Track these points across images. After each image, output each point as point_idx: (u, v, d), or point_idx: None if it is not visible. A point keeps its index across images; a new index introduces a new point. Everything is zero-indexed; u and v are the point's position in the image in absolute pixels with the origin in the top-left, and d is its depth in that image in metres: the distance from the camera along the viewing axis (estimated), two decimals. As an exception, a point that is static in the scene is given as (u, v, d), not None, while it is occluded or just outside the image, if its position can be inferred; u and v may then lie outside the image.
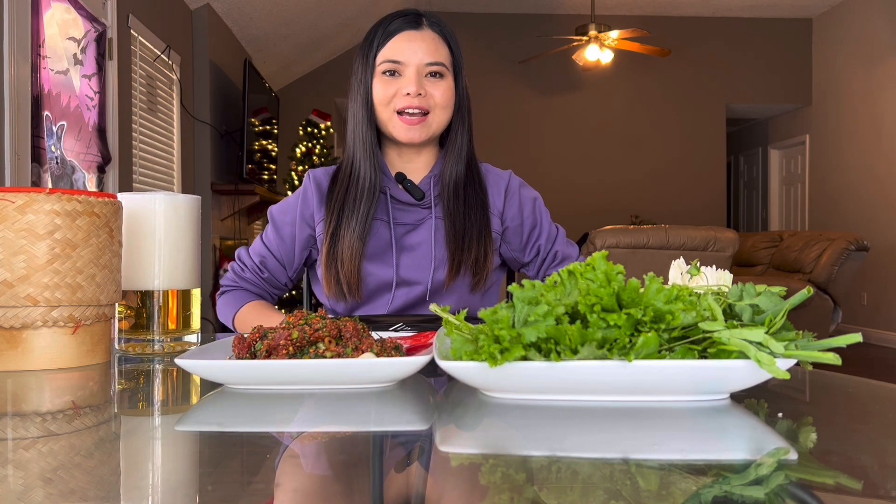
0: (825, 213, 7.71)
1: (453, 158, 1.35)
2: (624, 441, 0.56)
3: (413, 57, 1.28)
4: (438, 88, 1.30)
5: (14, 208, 0.84)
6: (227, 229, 5.54)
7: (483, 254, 1.32)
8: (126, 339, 1.00)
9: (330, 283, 1.30)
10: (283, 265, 1.39)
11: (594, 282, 0.65)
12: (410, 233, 1.33)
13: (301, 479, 0.48)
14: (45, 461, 0.51)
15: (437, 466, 0.51)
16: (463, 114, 1.36)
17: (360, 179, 1.32)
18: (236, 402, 0.69)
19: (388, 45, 1.29)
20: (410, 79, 1.28)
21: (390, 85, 1.29)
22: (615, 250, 4.02)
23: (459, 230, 1.31)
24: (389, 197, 1.33)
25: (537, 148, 7.87)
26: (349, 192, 1.32)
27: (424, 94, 1.29)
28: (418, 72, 1.28)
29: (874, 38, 6.89)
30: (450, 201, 1.33)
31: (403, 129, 1.29)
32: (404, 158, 1.37)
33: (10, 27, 2.73)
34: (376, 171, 1.32)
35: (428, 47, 1.29)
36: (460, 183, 1.34)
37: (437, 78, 1.30)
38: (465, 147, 1.36)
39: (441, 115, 1.32)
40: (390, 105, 1.29)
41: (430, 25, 1.32)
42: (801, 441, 0.57)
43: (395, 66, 1.29)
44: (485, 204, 1.35)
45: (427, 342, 0.84)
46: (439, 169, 1.36)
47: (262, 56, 6.41)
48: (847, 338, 0.61)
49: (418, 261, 1.32)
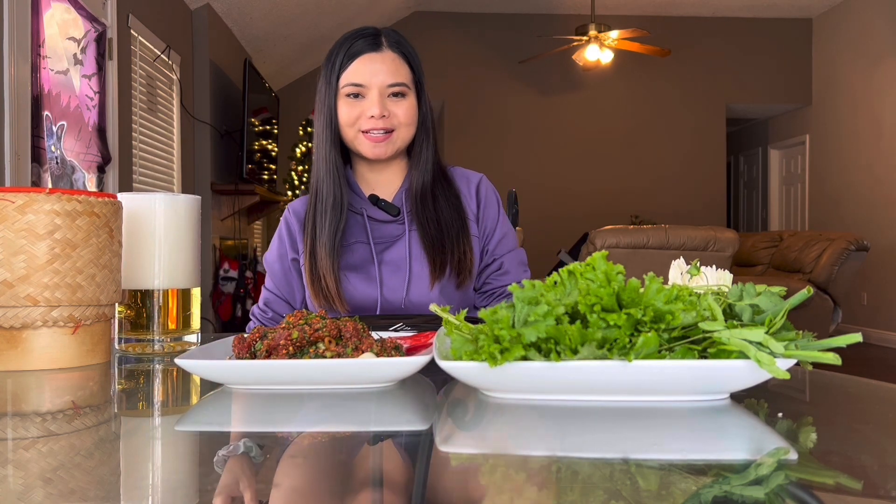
0: (825, 213, 7.71)
1: (419, 171, 1.40)
2: (624, 441, 0.56)
3: (374, 79, 1.32)
4: (401, 107, 1.34)
5: (14, 208, 0.84)
6: (227, 229, 5.54)
7: (463, 252, 1.36)
8: (126, 339, 1.00)
9: (318, 297, 1.35)
10: (285, 300, 1.44)
11: (594, 282, 0.65)
12: (389, 249, 1.38)
13: (301, 479, 0.48)
14: (45, 461, 0.51)
15: (437, 466, 0.51)
16: (427, 127, 1.40)
17: (325, 198, 1.36)
18: (236, 402, 0.69)
19: (350, 68, 1.33)
20: (373, 101, 1.32)
21: (354, 107, 1.33)
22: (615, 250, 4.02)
23: (436, 234, 1.35)
24: (367, 218, 1.38)
25: (537, 148, 7.87)
26: (317, 210, 1.37)
27: (388, 115, 1.33)
28: (381, 93, 1.32)
29: (874, 38, 6.89)
30: (419, 210, 1.38)
31: (370, 146, 1.34)
32: (375, 170, 1.41)
33: (10, 27, 2.73)
34: (341, 189, 1.36)
35: (388, 69, 1.33)
36: (427, 190, 1.39)
37: (399, 98, 1.34)
38: (430, 160, 1.40)
39: (405, 131, 1.36)
40: (355, 126, 1.34)
41: (389, 46, 1.35)
42: (801, 441, 0.57)
43: (358, 89, 1.33)
44: (458, 206, 1.40)
45: (427, 342, 0.84)
46: (408, 184, 1.41)
47: (262, 56, 6.41)
48: (847, 338, 0.61)
49: (397, 272, 1.36)
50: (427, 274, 1.35)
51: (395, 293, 1.36)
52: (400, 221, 1.39)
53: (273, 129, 6.20)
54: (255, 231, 6.58)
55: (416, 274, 1.36)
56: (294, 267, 1.43)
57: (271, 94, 6.14)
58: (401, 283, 1.36)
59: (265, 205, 6.00)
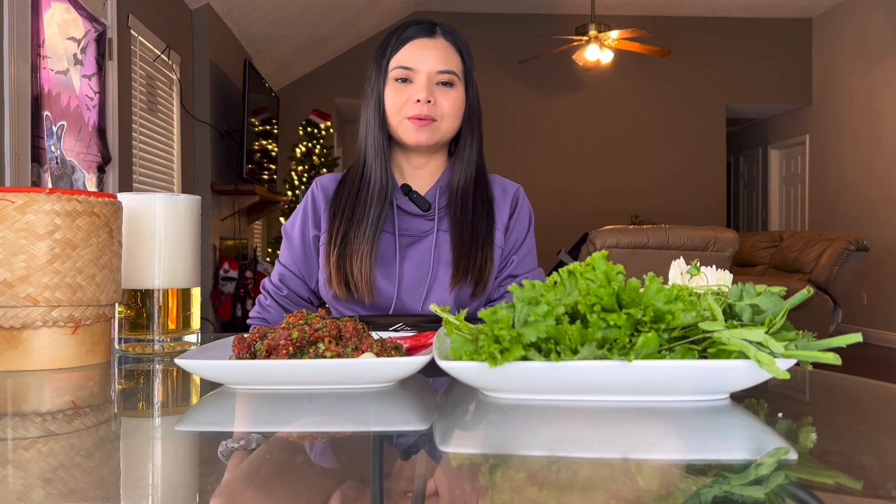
0: (825, 213, 7.71)
1: (462, 166, 1.37)
2: (624, 441, 0.56)
3: (424, 64, 1.31)
4: (448, 98, 1.32)
5: (14, 208, 0.84)
6: (227, 229, 5.54)
7: (485, 261, 1.33)
8: (126, 339, 1.00)
9: (340, 284, 1.31)
10: (302, 279, 1.40)
11: (594, 282, 0.65)
12: (414, 244, 1.35)
13: (301, 479, 0.48)
14: (45, 461, 0.51)
15: (437, 466, 0.51)
16: (473, 123, 1.38)
17: (371, 183, 1.34)
18: (236, 402, 0.69)
19: (401, 51, 1.32)
20: (421, 86, 1.30)
21: (402, 92, 1.31)
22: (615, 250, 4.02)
23: (466, 237, 1.33)
24: (396, 207, 1.35)
25: (537, 148, 7.87)
26: (360, 196, 1.34)
27: (434, 102, 1.31)
28: (429, 79, 1.31)
29: (874, 38, 6.89)
30: (457, 208, 1.35)
31: (412, 130, 1.31)
32: (413, 164, 1.39)
33: (10, 27, 2.73)
34: (388, 175, 1.34)
35: (440, 55, 1.31)
36: (469, 190, 1.36)
37: (447, 87, 1.32)
38: (474, 156, 1.39)
39: (450, 122, 1.34)
40: (401, 112, 1.31)
41: (443, 34, 1.34)
42: (801, 441, 0.57)
43: (407, 73, 1.31)
44: (490, 213, 1.37)
45: (427, 342, 0.84)
46: (446, 179, 1.38)
47: (262, 56, 6.41)
48: (847, 338, 0.61)
49: (420, 271, 1.33)
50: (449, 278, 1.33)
51: (414, 294, 1.33)
52: (429, 217, 1.36)
53: (273, 129, 6.20)
54: (255, 231, 6.58)
55: (440, 278, 1.33)
56: (314, 244, 1.39)
57: (271, 94, 6.14)
58: (420, 283, 1.33)
59: (265, 205, 6.00)
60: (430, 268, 1.33)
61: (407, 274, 1.33)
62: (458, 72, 1.34)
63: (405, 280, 1.32)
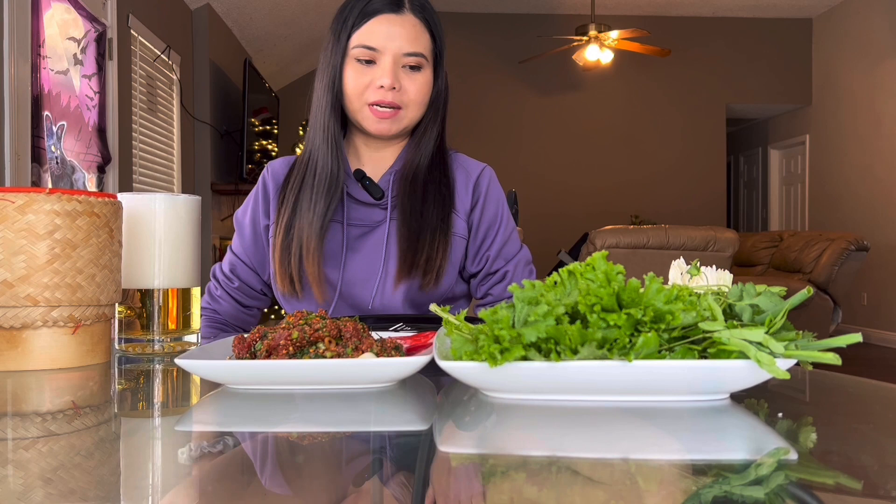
0: (825, 213, 7.71)
1: (417, 152, 1.25)
2: (624, 441, 0.56)
3: (390, 44, 1.16)
4: (415, 83, 1.19)
5: (14, 208, 0.84)
6: (227, 229, 5.54)
7: (434, 251, 1.20)
8: (126, 339, 1.00)
9: (284, 279, 1.21)
10: (254, 270, 1.30)
11: (594, 282, 0.65)
12: (365, 235, 1.24)
13: (301, 479, 0.48)
14: (45, 461, 0.51)
15: (437, 466, 0.51)
16: (438, 107, 1.26)
17: (318, 170, 1.21)
18: (236, 402, 0.69)
19: (364, 27, 1.17)
20: (386, 69, 1.16)
21: (364, 74, 1.18)
22: (615, 250, 4.02)
23: (414, 228, 1.20)
24: (346, 195, 1.23)
25: (537, 148, 7.87)
26: (306, 182, 1.22)
27: (399, 88, 1.18)
28: (395, 62, 1.17)
29: (874, 38, 6.89)
30: (406, 196, 1.22)
31: (374, 121, 1.19)
32: (371, 147, 1.27)
33: (10, 27, 2.73)
34: (338, 163, 1.21)
35: (408, 34, 1.17)
36: (419, 177, 1.23)
37: (414, 71, 1.19)
38: (432, 141, 1.26)
39: (414, 111, 1.21)
40: (362, 97, 1.19)
41: (412, 10, 1.19)
42: (801, 441, 0.57)
43: (371, 54, 1.17)
44: (446, 200, 1.24)
45: (427, 342, 0.84)
46: (400, 164, 1.26)
47: (262, 56, 6.41)
48: (847, 338, 0.61)
49: (370, 265, 1.23)
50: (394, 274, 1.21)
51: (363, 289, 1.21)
52: (382, 206, 1.24)
53: (273, 129, 6.20)
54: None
55: (391, 272, 1.21)
56: (266, 234, 1.28)
57: (271, 94, 6.14)
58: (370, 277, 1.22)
59: (265, 205, 5.99)
60: (382, 261, 1.22)
61: (354, 267, 1.22)
62: (427, 53, 1.20)
63: (350, 273, 1.22)
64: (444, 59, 1.26)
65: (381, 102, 1.18)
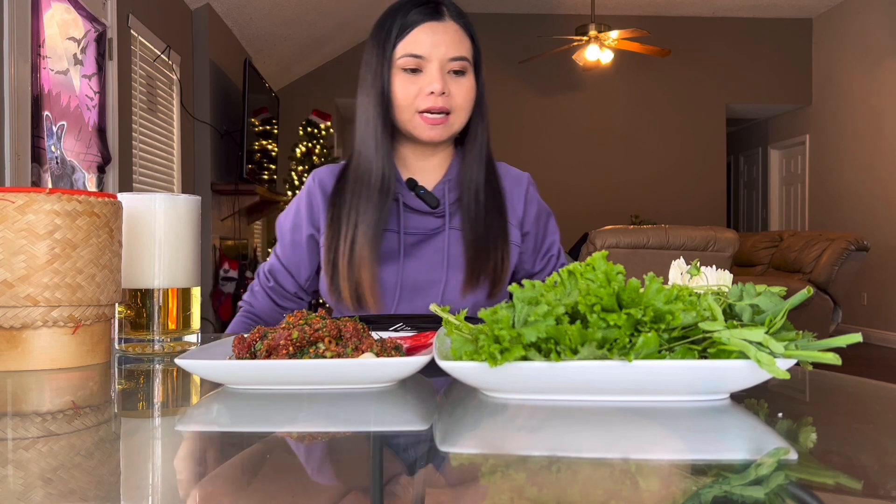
0: (825, 213, 7.71)
1: (474, 159, 1.27)
2: (624, 441, 0.56)
3: (436, 51, 1.19)
4: (462, 88, 1.22)
5: (14, 208, 0.84)
6: (227, 229, 5.54)
7: (500, 259, 1.24)
8: (126, 339, 1.00)
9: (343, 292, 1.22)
10: (289, 272, 1.33)
11: (594, 282, 0.65)
12: (422, 243, 1.25)
13: (301, 479, 0.48)
14: (45, 461, 0.51)
15: (437, 466, 0.51)
16: (482, 111, 1.29)
17: (372, 181, 1.23)
18: (236, 402, 0.69)
19: (408, 37, 1.20)
20: (434, 76, 1.19)
21: (412, 83, 1.21)
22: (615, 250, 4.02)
23: (481, 236, 1.23)
24: (401, 204, 1.26)
25: (537, 148, 7.87)
26: (358, 194, 1.24)
27: (448, 94, 1.20)
28: (441, 68, 1.20)
29: (874, 38, 6.89)
30: (470, 206, 1.25)
31: (426, 128, 1.21)
32: (418, 156, 1.29)
33: (10, 27, 2.73)
34: (391, 170, 1.23)
35: (451, 40, 1.20)
36: (480, 186, 1.27)
37: (459, 76, 1.22)
38: (484, 147, 1.29)
39: (463, 115, 1.24)
40: (413, 105, 1.21)
41: (452, 16, 1.22)
42: (801, 441, 0.57)
43: (417, 62, 1.20)
44: (502, 207, 1.28)
45: (427, 342, 0.84)
46: (454, 173, 1.29)
47: (262, 56, 6.41)
48: (847, 338, 0.61)
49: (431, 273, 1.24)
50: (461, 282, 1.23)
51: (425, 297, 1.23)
52: (438, 214, 1.25)
53: (273, 129, 6.20)
54: (255, 231, 6.58)
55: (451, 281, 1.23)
56: (309, 244, 1.30)
57: (271, 94, 6.14)
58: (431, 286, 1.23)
59: (265, 205, 6.00)
60: (444, 269, 1.24)
61: (413, 275, 1.23)
62: (470, 58, 1.23)
63: (410, 281, 1.23)
64: (482, 66, 1.28)
65: (432, 109, 1.20)
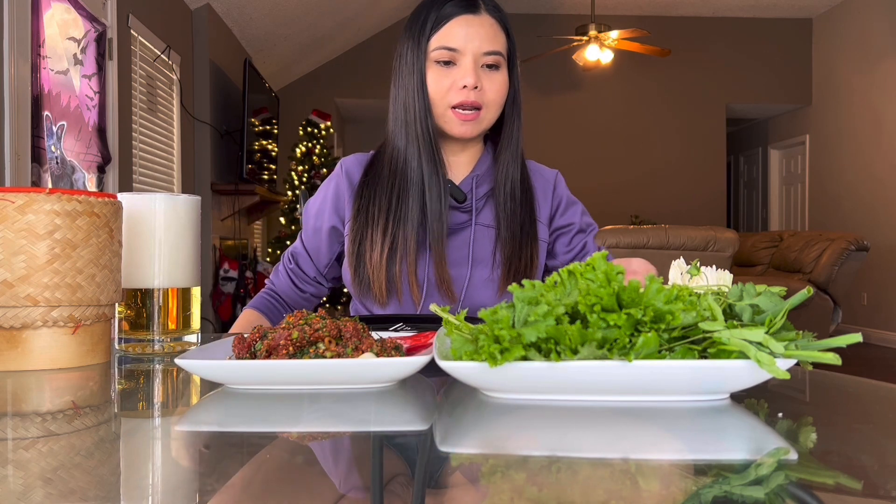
0: (825, 213, 7.71)
1: (509, 156, 1.26)
2: (624, 441, 0.56)
3: (470, 44, 1.18)
4: (494, 83, 1.21)
5: (14, 208, 0.84)
6: (227, 229, 5.54)
7: (530, 258, 1.24)
8: (126, 339, 1.00)
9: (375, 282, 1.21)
10: (310, 256, 1.33)
11: (594, 282, 0.65)
12: (448, 237, 1.24)
13: (301, 480, 0.48)
14: (45, 461, 0.51)
15: (437, 466, 0.51)
16: (517, 107, 1.27)
17: (413, 176, 1.22)
18: (236, 402, 0.69)
19: (443, 29, 1.19)
20: (467, 69, 1.18)
21: (445, 76, 1.20)
22: (615, 250, 4.02)
23: (516, 234, 1.24)
24: None
25: (537, 148, 7.87)
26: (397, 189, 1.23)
27: (480, 88, 1.19)
28: (475, 61, 1.19)
29: (874, 38, 6.89)
30: (506, 204, 1.25)
31: (457, 123, 1.20)
32: (449, 151, 1.28)
33: (10, 27, 2.73)
34: (437, 168, 1.21)
35: (486, 34, 1.19)
36: (516, 184, 1.26)
37: (492, 70, 1.21)
38: (519, 144, 1.28)
39: (494, 111, 1.23)
40: (445, 99, 1.20)
41: (487, 10, 1.21)
42: (801, 441, 0.57)
43: (451, 55, 1.19)
44: (532, 206, 1.28)
45: (427, 342, 0.84)
46: (482, 168, 1.29)
47: (262, 56, 6.41)
48: (847, 338, 0.61)
49: (453, 268, 1.23)
50: (486, 277, 1.22)
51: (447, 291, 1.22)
52: (465, 209, 1.25)
53: (273, 129, 6.20)
54: (255, 231, 6.58)
55: (477, 278, 1.22)
56: (330, 233, 1.30)
57: (271, 94, 6.14)
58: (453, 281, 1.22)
59: (265, 205, 6.01)
60: (468, 265, 1.23)
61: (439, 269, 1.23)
62: (504, 52, 1.22)
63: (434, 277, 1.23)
64: (517, 61, 1.26)
65: (464, 104, 1.19)
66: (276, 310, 1.36)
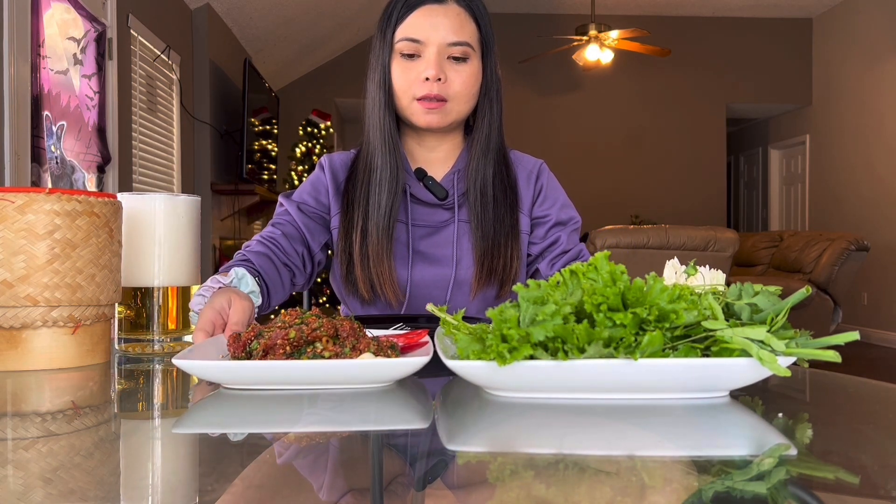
0: (825, 212, 7.71)
1: (479, 152, 1.22)
2: (629, 438, 0.56)
3: (434, 34, 1.15)
4: (460, 75, 1.16)
5: (14, 208, 0.84)
6: (227, 229, 5.54)
7: (510, 258, 1.20)
8: (126, 339, 1.00)
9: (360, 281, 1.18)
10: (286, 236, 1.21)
11: (597, 282, 0.65)
12: (430, 236, 1.22)
13: (301, 479, 0.48)
14: (45, 461, 0.50)
15: (440, 465, 0.51)
16: (491, 99, 1.22)
17: (378, 171, 1.20)
18: (235, 402, 0.69)
19: (408, 20, 1.16)
20: (430, 61, 1.14)
21: (409, 69, 1.17)
22: (615, 250, 4.02)
23: (488, 234, 1.20)
24: (409, 195, 1.22)
25: (537, 148, 7.84)
26: (367, 182, 1.20)
27: (444, 80, 1.15)
28: (439, 52, 1.15)
29: (874, 38, 6.89)
30: (477, 203, 1.21)
31: (422, 113, 1.17)
32: (425, 147, 1.25)
33: (10, 27, 2.73)
34: (398, 160, 1.19)
35: (451, 24, 1.15)
36: (488, 181, 1.21)
37: (459, 62, 1.16)
38: (493, 138, 1.22)
39: (461, 103, 1.19)
40: (409, 91, 1.17)
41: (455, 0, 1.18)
42: (802, 441, 0.57)
43: (415, 47, 1.16)
44: (514, 202, 1.24)
45: (419, 341, 0.83)
46: (463, 164, 1.24)
47: (262, 56, 6.41)
48: (844, 336, 0.62)
49: (437, 266, 1.21)
50: (470, 277, 1.19)
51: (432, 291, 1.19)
52: (447, 206, 1.22)
53: (273, 129, 6.20)
54: (254, 231, 6.58)
55: (461, 277, 1.20)
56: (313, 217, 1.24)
57: (271, 94, 6.14)
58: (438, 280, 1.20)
59: (265, 205, 6.00)
60: (453, 264, 1.20)
61: (423, 269, 1.21)
62: (473, 42, 1.17)
63: (418, 275, 1.21)
64: (493, 50, 1.22)
65: (428, 96, 1.16)
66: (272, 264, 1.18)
